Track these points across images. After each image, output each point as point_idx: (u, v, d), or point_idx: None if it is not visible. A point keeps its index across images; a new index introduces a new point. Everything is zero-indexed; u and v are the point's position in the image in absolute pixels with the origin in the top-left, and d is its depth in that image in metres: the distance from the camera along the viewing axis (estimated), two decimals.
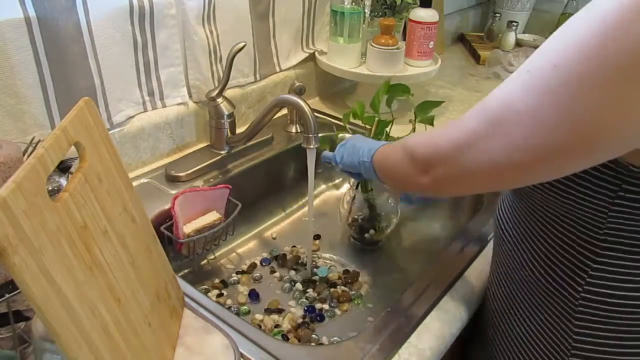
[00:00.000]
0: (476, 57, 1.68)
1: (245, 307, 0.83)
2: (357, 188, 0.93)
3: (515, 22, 1.67)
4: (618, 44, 0.38)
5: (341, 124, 1.05)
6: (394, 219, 0.95)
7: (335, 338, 0.77)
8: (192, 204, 0.83)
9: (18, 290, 0.52)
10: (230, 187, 0.88)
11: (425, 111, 0.88)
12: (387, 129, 0.88)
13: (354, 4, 1.13)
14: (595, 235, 0.54)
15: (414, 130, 0.87)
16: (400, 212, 0.96)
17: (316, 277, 0.90)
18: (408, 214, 1.05)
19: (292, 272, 0.91)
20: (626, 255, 0.53)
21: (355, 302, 0.85)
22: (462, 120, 0.52)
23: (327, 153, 0.83)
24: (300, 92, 1.07)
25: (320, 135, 0.83)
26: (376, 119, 0.88)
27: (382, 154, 0.70)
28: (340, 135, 1.08)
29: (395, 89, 0.90)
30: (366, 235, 0.95)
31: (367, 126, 0.89)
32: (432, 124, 0.90)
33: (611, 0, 0.39)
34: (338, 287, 0.88)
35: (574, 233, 0.56)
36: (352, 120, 0.91)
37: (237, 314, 0.81)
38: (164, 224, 0.81)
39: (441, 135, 0.55)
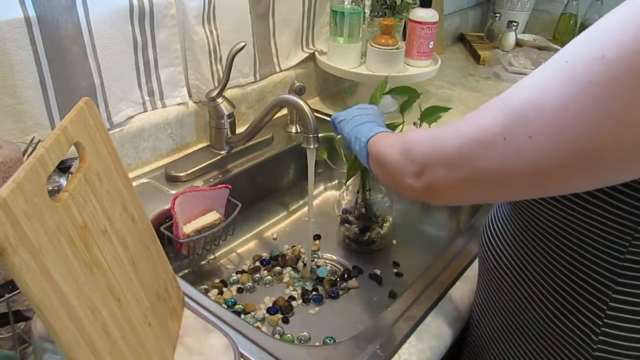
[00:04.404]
0: (476, 57, 1.68)
1: (241, 306, 0.83)
2: (358, 192, 0.93)
3: (515, 22, 1.67)
4: None
5: None
6: (389, 218, 0.95)
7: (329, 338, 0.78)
8: (192, 204, 0.83)
9: (18, 290, 0.52)
10: (230, 187, 0.88)
11: (432, 116, 0.87)
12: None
13: (354, 4, 1.13)
14: (615, 261, 0.47)
15: None
16: (397, 213, 0.96)
17: (316, 277, 0.90)
18: (407, 215, 1.05)
19: (292, 272, 0.91)
20: None
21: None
22: (475, 116, 0.44)
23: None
24: (300, 92, 1.07)
25: (320, 135, 0.83)
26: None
27: (379, 140, 0.63)
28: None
29: (404, 91, 0.88)
30: (362, 236, 0.95)
31: None
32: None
33: None
34: (337, 286, 0.88)
35: (590, 258, 0.49)
36: None
37: (235, 312, 0.81)
38: (164, 224, 0.81)
39: (447, 133, 0.47)
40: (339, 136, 0.76)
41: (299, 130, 1.12)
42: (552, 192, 0.44)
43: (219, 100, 0.94)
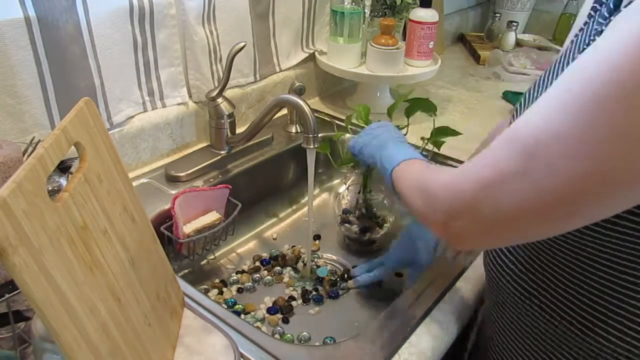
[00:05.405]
0: (476, 57, 1.68)
1: (241, 306, 0.83)
2: (359, 192, 0.93)
3: (515, 22, 1.68)
4: None
5: (341, 123, 1.05)
6: (390, 218, 0.95)
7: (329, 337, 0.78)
8: (192, 204, 0.83)
9: (18, 291, 0.53)
10: (230, 187, 0.88)
11: (441, 137, 0.85)
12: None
13: (354, 4, 1.13)
14: (633, 280, 0.47)
15: (423, 150, 0.85)
16: (397, 213, 0.95)
17: (316, 277, 0.90)
18: (408, 215, 1.05)
19: (292, 272, 0.91)
20: None
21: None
22: (490, 158, 0.44)
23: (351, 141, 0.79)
24: (300, 92, 1.07)
25: (320, 135, 0.83)
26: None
27: (399, 178, 0.62)
28: (347, 136, 1.07)
29: (420, 104, 0.87)
30: (362, 236, 0.95)
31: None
32: (438, 148, 0.88)
33: None
34: (337, 286, 0.88)
35: (610, 274, 0.48)
36: (354, 121, 0.91)
37: (235, 312, 0.81)
38: (164, 224, 0.81)
39: (466, 178, 0.46)
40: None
41: (299, 130, 1.12)
42: (570, 225, 0.43)
43: (219, 100, 0.94)
